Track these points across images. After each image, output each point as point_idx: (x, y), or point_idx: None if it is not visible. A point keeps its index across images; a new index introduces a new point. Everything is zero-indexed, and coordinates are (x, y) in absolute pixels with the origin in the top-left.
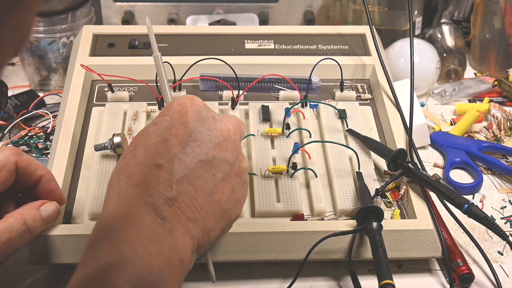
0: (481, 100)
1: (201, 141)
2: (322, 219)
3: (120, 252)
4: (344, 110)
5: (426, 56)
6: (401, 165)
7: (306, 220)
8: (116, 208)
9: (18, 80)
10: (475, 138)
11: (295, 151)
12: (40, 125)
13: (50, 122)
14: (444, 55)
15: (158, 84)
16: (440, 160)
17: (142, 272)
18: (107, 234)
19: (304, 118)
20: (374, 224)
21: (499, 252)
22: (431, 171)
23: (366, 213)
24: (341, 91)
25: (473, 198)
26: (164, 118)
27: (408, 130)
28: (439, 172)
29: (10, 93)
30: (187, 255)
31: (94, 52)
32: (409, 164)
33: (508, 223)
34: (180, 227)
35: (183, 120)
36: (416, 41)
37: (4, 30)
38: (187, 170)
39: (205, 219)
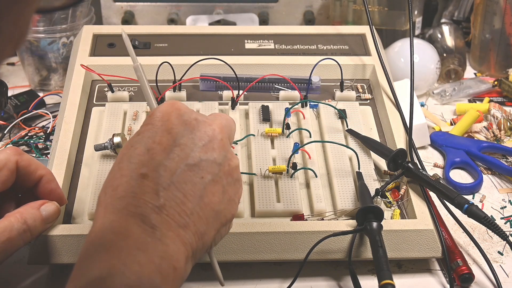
0: (481, 100)
1: (185, 145)
2: (322, 219)
3: (108, 264)
4: (344, 110)
5: (426, 56)
6: (401, 165)
7: (306, 220)
8: (103, 222)
9: (18, 80)
10: (475, 138)
11: (295, 151)
12: (40, 125)
13: (50, 122)
14: (444, 55)
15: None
16: (440, 160)
17: (132, 283)
18: (95, 248)
19: (304, 118)
20: (374, 224)
21: (499, 252)
22: (431, 171)
23: (366, 213)
24: (341, 91)
25: (473, 198)
26: (147, 127)
27: (408, 130)
28: (439, 172)
29: (10, 93)
30: (181, 262)
31: (94, 52)
32: (409, 164)
33: (508, 223)
34: (171, 234)
35: (166, 126)
36: (416, 41)
37: (4, 25)
38: (173, 176)
39: (197, 224)
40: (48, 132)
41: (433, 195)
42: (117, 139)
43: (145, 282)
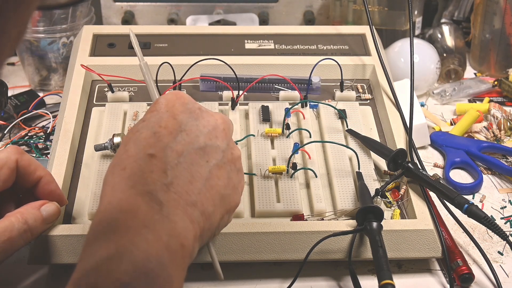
0: (481, 100)
1: (190, 130)
2: (322, 219)
3: (116, 243)
4: (344, 110)
5: (426, 56)
6: (401, 165)
7: (306, 220)
8: (110, 201)
9: (18, 80)
10: (475, 138)
11: (295, 151)
12: (40, 125)
13: (50, 122)
14: (444, 55)
15: (147, 83)
16: (440, 160)
17: (140, 260)
18: (103, 227)
19: (304, 118)
20: (374, 224)
21: (499, 252)
22: (431, 171)
23: (366, 213)
24: (341, 91)
25: (473, 198)
26: (152, 114)
27: (408, 130)
28: (439, 172)
29: (10, 93)
30: (189, 240)
31: (94, 52)
32: (409, 164)
33: (508, 223)
34: (178, 212)
35: (171, 112)
36: (416, 41)
37: (6, 26)
38: (181, 157)
39: (204, 203)
40: (48, 132)
41: (433, 195)
42: (117, 139)
43: (153, 260)
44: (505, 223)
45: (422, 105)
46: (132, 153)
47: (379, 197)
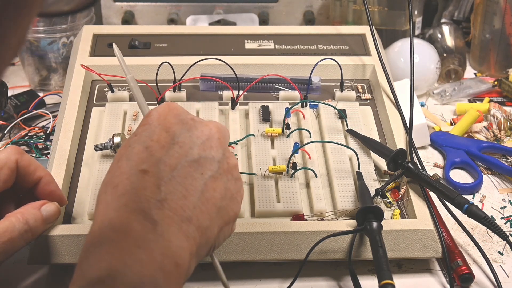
0: (481, 100)
1: (183, 142)
2: (322, 219)
3: (108, 265)
4: (344, 110)
5: (426, 56)
6: (401, 165)
7: (306, 220)
8: (103, 220)
9: (18, 80)
10: (475, 138)
11: (295, 151)
12: (40, 125)
13: (50, 122)
14: (444, 55)
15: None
16: (440, 160)
17: (134, 283)
18: (95, 248)
19: (304, 118)
20: (374, 224)
21: (499, 252)
22: (431, 171)
23: (366, 213)
24: (341, 91)
25: (473, 198)
26: (144, 127)
27: (408, 130)
28: (439, 172)
29: (10, 93)
30: (184, 258)
31: (94, 52)
32: (409, 164)
33: (508, 223)
34: (173, 229)
35: (163, 125)
36: (416, 41)
37: (5, 35)
38: (174, 171)
39: (200, 218)
40: (48, 132)
41: (433, 195)
42: (117, 139)
43: (146, 281)
44: (505, 223)
45: (422, 105)
46: (124, 169)
47: (379, 197)
